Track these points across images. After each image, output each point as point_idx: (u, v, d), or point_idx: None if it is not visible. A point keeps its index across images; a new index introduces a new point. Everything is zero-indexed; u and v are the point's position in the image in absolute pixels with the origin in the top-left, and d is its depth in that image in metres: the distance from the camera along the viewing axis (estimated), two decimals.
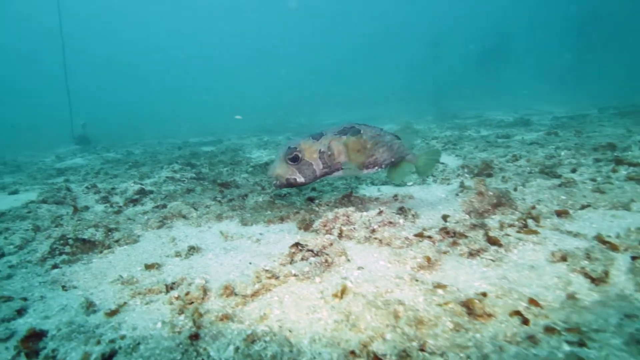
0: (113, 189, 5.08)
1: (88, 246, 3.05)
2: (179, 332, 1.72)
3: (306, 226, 3.04)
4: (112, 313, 2.06)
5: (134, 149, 11.31)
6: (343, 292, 1.89)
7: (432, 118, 14.65)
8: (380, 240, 2.46)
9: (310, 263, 2.19)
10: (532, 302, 1.75)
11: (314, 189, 4.26)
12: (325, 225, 2.70)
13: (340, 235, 2.63)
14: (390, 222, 2.57)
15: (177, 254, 2.94)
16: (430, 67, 31.50)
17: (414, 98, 25.05)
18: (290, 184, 2.98)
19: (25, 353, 1.69)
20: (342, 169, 3.12)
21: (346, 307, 1.80)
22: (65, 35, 13.61)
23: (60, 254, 2.92)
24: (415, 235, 2.45)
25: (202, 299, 2.12)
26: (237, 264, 2.67)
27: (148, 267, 2.71)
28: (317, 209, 3.67)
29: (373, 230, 2.53)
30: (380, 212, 2.64)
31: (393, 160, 3.36)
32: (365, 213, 2.68)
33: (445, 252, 2.34)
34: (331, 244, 2.36)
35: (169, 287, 2.27)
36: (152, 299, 2.22)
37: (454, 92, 23.69)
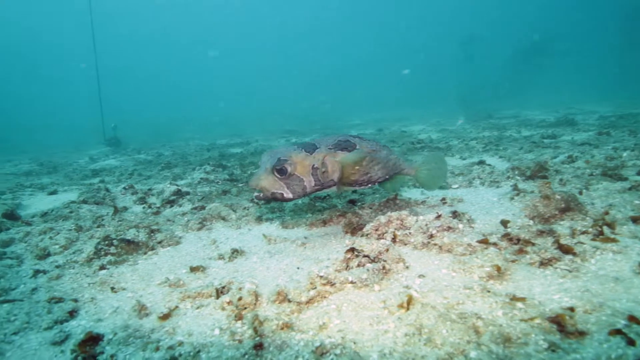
0: (150, 189, 5.12)
1: (132, 247, 3.03)
2: (240, 341, 1.62)
3: (353, 230, 2.91)
4: (165, 317, 1.99)
5: (164, 150, 11.53)
6: (409, 302, 1.75)
7: (464, 118, 14.22)
8: (440, 247, 2.29)
9: (368, 270, 2.05)
10: (633, 319, 1.55)
11: (354, 192, 4.12)
12: (377, 230, 2.55)
13: (394, 240, 2.48)
14: (449, 227, 2.40)
15: (221, 257, 2.87)
16: (461, 66, 30.60)
17: (444, 98, 24.49)
18: (275, 199, 2.63)
19: (82, 358, 1.64)
20: (334, 186, 2.78)
21: (416, 319, 1.65)
22: (97, 43, 14.09)
23: (106, 254, 2.91)
24: (479, 241, 2.26)
25: (255, 304, 2.03)
26: (284, 268, 2.57)
27: (193, 269, 2.66)
28: (360, 211, 3.53)
29: (431, 236, 2.36)
30: (439, 216, 2.47)
31: (387, 177, 3.09)
32: (421, 217, 2.52)
33: (513, 261, 2.15)
34: (387, 250, 2.21)
35: (220, 292, 2.19)
36: (203, 303, 2.15)
37: (487, 91, 22.94)
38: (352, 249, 2.19)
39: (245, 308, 2.00)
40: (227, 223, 3.67)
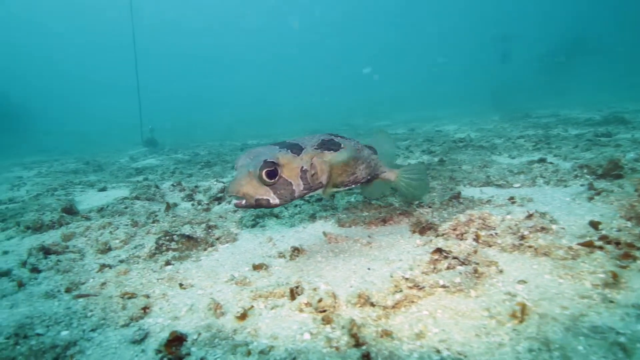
0: (196, 187, 5.12)
1: (192, 243, 2.97)
2: (337, 348, 1.48)
3: (422, 230, 2.73)
4: (242, 317, 1.89)
5: (199, 150, 11.70)
6: (523, 312, 1.55)
7: (499, 117, 13.65)
8: (535, 249, 2.07)
9: (460, 273, 1.87)
10: None
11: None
12: (455, 229, 2.36)
13: (476, 241, 2.27)
14: (543, 228, 2.17)
15: (281, 255, 2.77)
16: (494, 64, 29.50)
17: (475, 97, 23.72)
18: (259, 206, 2.28)
19: (168, 359, 1.55)
20: (320, 188, 2.53)
21: (537, 332, 1.46)
22: (138, 50, 14.57)
23: (167, 250, 2.87)
24: (582, 244, 2.03)
25: (334, 307, 1.89)
26: (353, 268, 2.42)
27: (256, 267, 2.56)
28: (419, 210, 3.34)
29: (523, 237, 2.15)
30: (530, 216, 2.25)
31: (369, 178, 2.89)
32: (508, 216, 2.31)
33: (624, 267, 1.90)
34: (475, 252, 2.02)
35: (294, 292, 2.06)
36: (277, 303, 2.04)
37: (519, 90, 22.01)
38: (439, 250, 2.01)
39: (325, 311, 1.87)
40: (280, 220, 3.57)
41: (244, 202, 2.23)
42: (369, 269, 2.38)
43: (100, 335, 1.79)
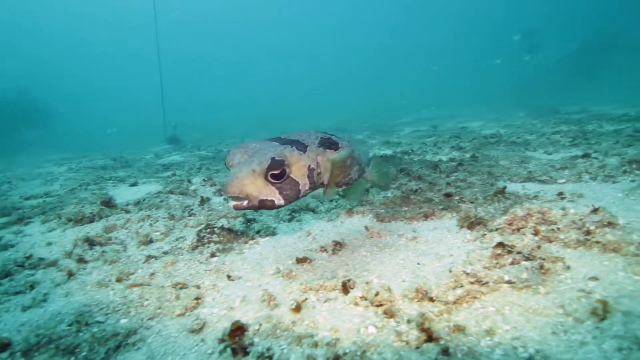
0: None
1: (233, 236, 2.97)
2: (407, 342, 1.43)
3: (471, 225, 2.64)
4: (297, 309, 1.85)
5: (221, 147, 11.81)
6: (606, 310, 1.46)
7: (525, 114, 13.27)
8: (603, 245, 1.96)
9: (527, 269, 1.78)
10: None
11: (449, 184, 3.83)
12: (511, 224, 2.27)
13: (535, 237, 2.17)
14: (610, 223, 2.05)
15: (323, 249, 2.72)
16: (517, 60, 28.64)
17: (496, 94, 23.16)
18: (262, 207, 2.05)
19: (233, 349, 1.52)
20: (320, 188, 2.39)
21: (626, 330, 1.36)
22: (161, 49, 14.84)
23: (209, 242, 2.87)
24: None
25: (391, 301, 1.83)
26: (402, 263, 2.36)
27: (300, 261, 2.53)
28: (461, 205, 3.24)
29: (588, 232, 2.04)
30: (596, 210, 2.13)
31: (357, 177, 2.78)
32: (572, 211, 2.20)
33: None
34: (539, 247, 1.92)
35: (346, 285, 2.01)
36: (329, 296, 1.99)
37: (545, 86, 21.35)
38: (501, 244, 1.92)
39: (382, 305, 1.81)
40: (317, 215, 3.53)
41: (245, 203, 1.99)
42: (418, 263, 2.32)
43: (159, 324, 1.79)
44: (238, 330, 1.58)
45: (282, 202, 2.08)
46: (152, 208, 3.95)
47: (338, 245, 2.71)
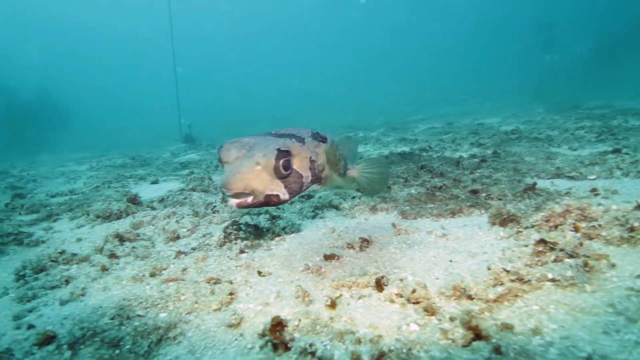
0: None
1: (259, 232, 2.98)
2: (453, 340, 1.40)
3: (503, 221, 2.59)
4: (332, 306, 1.85)
5: None
6: None
7: (543, 110, 12.97)
8: None
9: (571, 266, 1.73)
10: None
11: (474, 181, 3.77)
12: (548, 220, 2.21)
13: (575, 233, 2.11)
14: None
15: (349, 246, 2.70)
16: (535, 55, 27.98)
17: (511, 90, 22.71)
18: (266, 203, 1.91)
19: (274, 344, 1.52)
20: (316, 183, 2.28)
21: None
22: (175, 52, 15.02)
23: (236, 238, 2.89)
24: None
25: (428, 299, 1.80)
26: (433, 260, 2.33)
27: (327, 257, 2.52)
28: (490, 202, 3.19)
29: (632, 229, 1.97)
30: (639, 206, 2.06)
31: (342, 172, 2.65)
32: (614, 207, 2.13)
33: None
34: (581, 244, 1.87)
35: (380, 282, 2.00)
36: (362, 293, 1.98)
37: (563, 82, 20.83)
38: (542, 241, 1.88)
39: (419, 302, 1.79)
40: (340, 212, 3.52)
41: (249, 199, 1.83)
42: (451, 261, 2.28)
43: (197, 319, 1.81)
44: (278, 325, 1.58)
45: (287, 196, 1.96)
46: (176, 205, 4.00)
47: (365, 242, 2.69)
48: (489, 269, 1.89)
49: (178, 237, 3.16)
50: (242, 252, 2.62)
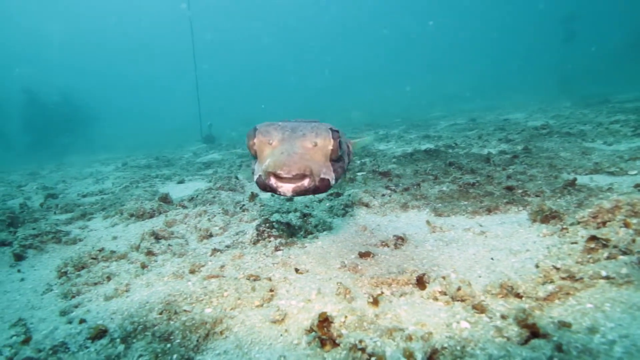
0: None
1: (291, 230, 2.99)
2: (508, 339, 1.36)
3: (544, 218, 2.50)
4: (375, 303, 1.83)
5: None
6: None
7: (571, 104, 12.52)
8: None
9: (626, 263, 1.66)
10: None
11: (509, 177, 3.67)
12: (595, 217, 2.12)
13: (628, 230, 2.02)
14: None
15: (384, 244, 2.68)
16: (559, 49, 27.10)
17: (535, 84, 22.05)
18: (319, 188, 1.71)
19: (321, 340, 1.52)
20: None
21: None
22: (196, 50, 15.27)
23: (269, 236, 2.90)
24: None
25: (473, 297, 1.76)
26: (473, 258, 2.28)
27: (363, 255, 2.50)
28: (527, 199, 3.09)
29: None
30: None
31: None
32: None
33: None
34: (634, 241, 1.78)
35: (422, 280, 1.97)
36: (404, 290, 1.96)
37: (591, 75, 20.10)
38: (594, 237, 1.80)
39: (465, 300, 1.75)
40: (370, 210, 3.49)
41: (306, 182, 1.65)
42: (492, 258, 2.23)
43: (241, 314, 1.82)
44: (325, 321, 1.57)
45: (334, 182, 1.81)
46: (206, 204, 4.06)
47: (400, 240, 2.66)
48: (537, 266, 1.83)
49: (211, 235, 3.21)
50: (277, 249, 2.63)
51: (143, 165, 9.66)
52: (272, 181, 1.68)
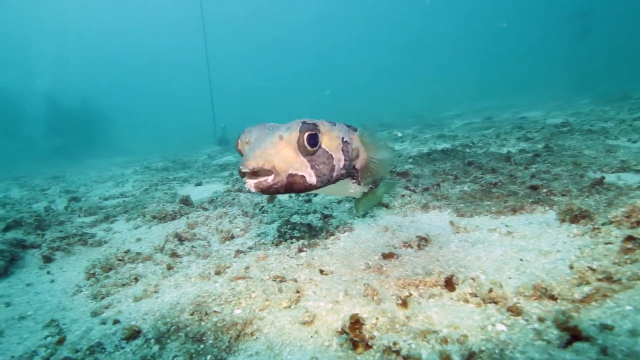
0: None
1: (313, 232, 2.99)
2: (549, 342, 1.33)
3: (574, 218, 2.45)
4: (404, 305, 1.82)
5: None
6: None
7: (589, 101, 12.23)
8: None
9: None
10: None
11: (533, 176, 3.59)
12: (629, 216, 2.06)
13: None
14: None
15: (407, 245, 2.66)
16: (575, 45, 26.47)
17: (550, 82, 21.60)
18: (290, 186, 1.69)
19: (353, 342, 1.52)
20: (345, 178, 2.01)
21: None
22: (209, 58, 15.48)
23: (291, 237, 2.91)
24: None
25: (505, 299, 1.73)
26: (501, 259, 2.24)
27: (386, 256, 2.48)
28: (553, 198, 3.03)
29: None
30: None
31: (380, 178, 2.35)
32: None
33: None
34: None
35: (451, 281, 1.94)
36: (433, 292, 1.94)
37: (608, 71, 19.58)
38: (630, 237, 1.75)
39: (497, 302, 1.72)
40: (390, 210, 3.47)
41: (270, 179, 1.63)
42: (521, 259, 2.18)
43: (270, 315, 1.83)
44: (356, 323, 1.57)
45: (314, 180, 1.74)
46: (225, 205, 4.10)
47: (423, 241, 2.64)
48: (571, 267, 1.79)
49: (232, 237, 3.24)
50: (300, 250, 2.64)
51: (160, 168, 9.83)
52: (244, 179, 1.71)
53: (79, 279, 2.88)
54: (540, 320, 1.48)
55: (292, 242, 2.83)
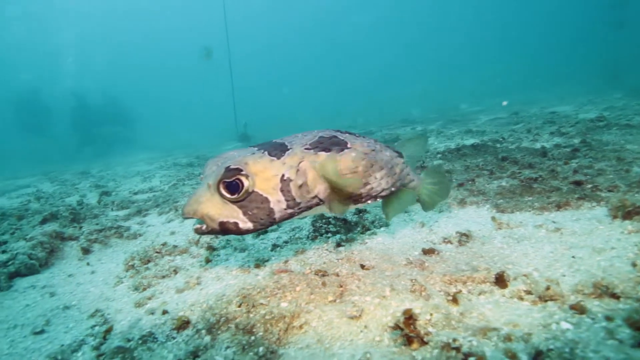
0: None
1: (349, 226, 2.96)
2: (622, 341, 1.26)
3: (627, 214, 2.33)
4: (454, 301, 1.77)
5: None
6: None
7: (622, 95, 11.68)
8: None
9: None
10: None
11: (576, 172, 3.45)
12: None
13: None
14: None
15: (446, 240, 2.60)
16: (606, 38, 25.36)
17: (579, 75, 20.78)
18: (227, 231, 1.71)
19: (408, 337, 1.48)
20: (320, 205, 1.87)
21: None
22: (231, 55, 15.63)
23: (327, 232, 2.89)
24: None
25: (562, 297, 1.66)
26: (551, 256, 2.15)
27: (427, 252, 2.43)
28: (600, 194, 2.89)
29: None
30: None
31: (392, 189, 2.15)
32: None
33: None
34: None
35: (502, 278, 1.88)
36: (483, 289, 1.88)
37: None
38: None
39: (555, 299, 1.65)
40: None
41: (204, 227, 1.72)
42: (573, 257, 2.09)
43: (317, 309, 1.82)
44: (410, 318, 1.53)
45: (249, 225, 1.70)
46: None
47: (464, 237, 2.57)
48: (634, 265, 1.69)
49: (266, 231, 3.24)
50: (339, 245, 2.61)
51: (185, 163, 10.00)
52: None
53: (118, 270, 2.95)
54: (609, 319, 1.40)
55: (328, 237, 2.81)
